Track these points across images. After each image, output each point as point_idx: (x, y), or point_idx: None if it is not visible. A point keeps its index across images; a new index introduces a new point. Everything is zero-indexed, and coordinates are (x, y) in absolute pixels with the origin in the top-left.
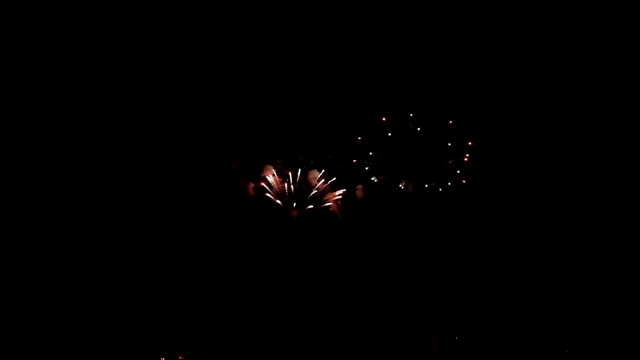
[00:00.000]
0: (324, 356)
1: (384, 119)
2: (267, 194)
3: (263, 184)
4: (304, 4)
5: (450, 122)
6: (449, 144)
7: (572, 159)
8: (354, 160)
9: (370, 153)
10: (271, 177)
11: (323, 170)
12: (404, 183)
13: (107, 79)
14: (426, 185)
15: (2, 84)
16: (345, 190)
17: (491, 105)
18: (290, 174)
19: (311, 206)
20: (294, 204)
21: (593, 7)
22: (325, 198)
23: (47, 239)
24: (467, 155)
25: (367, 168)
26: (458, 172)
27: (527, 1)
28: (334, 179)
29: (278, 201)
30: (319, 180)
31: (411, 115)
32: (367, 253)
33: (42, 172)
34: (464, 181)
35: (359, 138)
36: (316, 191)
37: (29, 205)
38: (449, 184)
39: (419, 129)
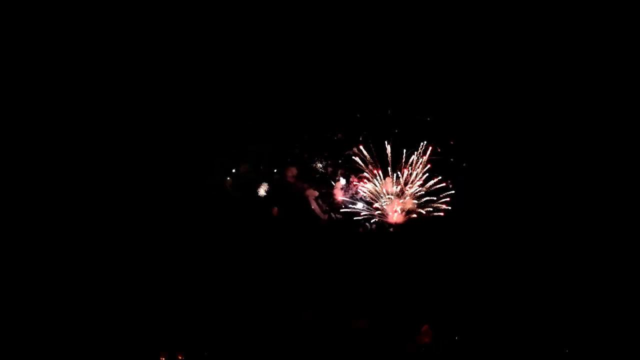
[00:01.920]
0: (324, 356)
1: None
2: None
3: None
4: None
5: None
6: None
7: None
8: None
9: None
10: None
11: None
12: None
13: (103, 78)
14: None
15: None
16: (325, 189)
17: (486, 107)
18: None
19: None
20: (274, 203)
21: (592, 7)
22: (305, 195)
23: (46, 238)
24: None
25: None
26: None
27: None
28: (315, 176)
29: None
30: (297, 178)
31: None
32: (357, 252)
33: (41, 172)
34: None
35: (339, 136)
36: (296, 189)
37: (29, 205)
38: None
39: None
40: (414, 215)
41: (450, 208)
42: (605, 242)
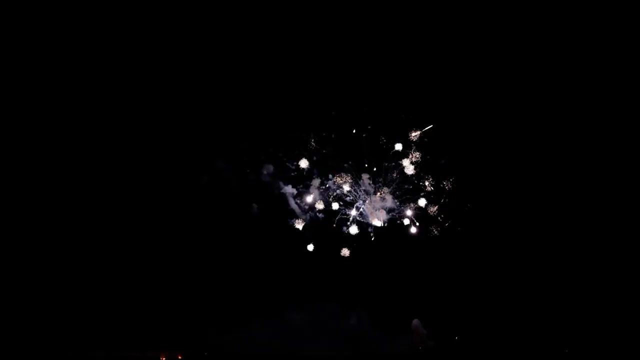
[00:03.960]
0: (321, 354)
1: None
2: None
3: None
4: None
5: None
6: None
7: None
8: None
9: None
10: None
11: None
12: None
13: (104, 79)
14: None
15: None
16: (302, 188)
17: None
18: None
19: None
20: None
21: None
22: (283, 193)
23: (47, 238)
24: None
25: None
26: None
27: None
28: (291, 174)
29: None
30: (273, 177)
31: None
32: (337, 252)
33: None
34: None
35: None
36: (273, 188)
37: (29, 205)
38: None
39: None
40: (395, 214)
41: (431, 205)
42: (592, 238)
